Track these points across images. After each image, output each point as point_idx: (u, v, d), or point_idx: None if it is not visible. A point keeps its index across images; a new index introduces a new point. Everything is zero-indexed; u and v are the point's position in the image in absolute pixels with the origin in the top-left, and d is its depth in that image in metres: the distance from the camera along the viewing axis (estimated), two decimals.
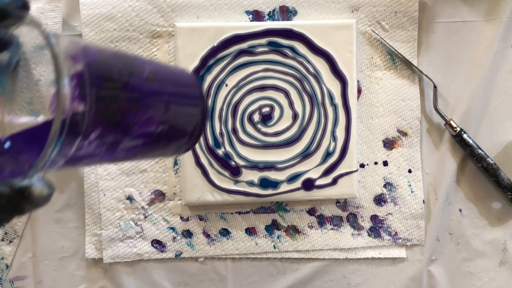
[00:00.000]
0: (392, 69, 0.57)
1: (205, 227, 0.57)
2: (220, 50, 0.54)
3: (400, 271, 0.58)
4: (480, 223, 0.58)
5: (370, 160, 0.57)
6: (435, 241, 0.58)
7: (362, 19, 0.56)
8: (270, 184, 0.55)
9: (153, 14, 0.55)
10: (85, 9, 0.55)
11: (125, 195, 0.57)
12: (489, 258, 0.58)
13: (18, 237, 0.57)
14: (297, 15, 0.56)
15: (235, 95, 0.54)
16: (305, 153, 0.55)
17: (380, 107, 0.57)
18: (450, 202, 0.58)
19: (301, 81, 0.55)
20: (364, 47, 0.57)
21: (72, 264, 0.58)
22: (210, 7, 0.56)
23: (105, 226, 0.57)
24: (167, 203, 0.57)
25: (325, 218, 0.58)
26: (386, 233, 0.58)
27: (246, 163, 0.55)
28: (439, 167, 0.58)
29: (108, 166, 0.56)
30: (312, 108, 0.55)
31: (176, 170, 0.57)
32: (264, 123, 0.55)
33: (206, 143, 0.55)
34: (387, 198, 0.58)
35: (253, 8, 0.56)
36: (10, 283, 0.57)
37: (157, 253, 0.57)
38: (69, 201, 0.57)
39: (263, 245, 0.58)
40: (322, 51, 0.54)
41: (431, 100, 0.57)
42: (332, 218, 0.58)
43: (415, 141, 0.57)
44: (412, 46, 0.57)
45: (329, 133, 0.55)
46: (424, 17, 0.57)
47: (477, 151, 0.56)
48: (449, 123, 0.56)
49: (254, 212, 0.57)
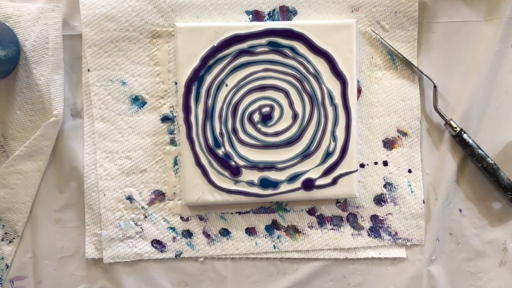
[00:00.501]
0: (392, 69, 0.57)
1: (205, 227, 0.57)
2: (220, 50, 0.54)
3: (400, 271, 0.58)
4: (480, 223, 0.58)
5: (370, 160, 0.57)
6: (435, 241, 0.58)
7: (362, 19, 0.56)
8: (270, 184, 0.55)
9: (153, 14, 0.55)
10: (85, 9, 0.55)
11: (125, 195, 0.57)
12: (489, 258, 0.58)
13: (18, 237, 0.57)
14: (297, 15, 0.56)
15: (235, 95, 0.54)
16: (305, 153, 0.55)
17: (380, 107, 0.57)
18: (450, 202, 0.58)
19: (301, 81, 0.55)
20: (364, 47, 0.57)
21: (72, 264, 0.58)
22: (210, 7, 0.56)
23: (105, 226, 0.57)
24: (167, 203, 0.57)
25: (325, 218, 0.58)
26: (386, 233, 0.58)
27: (246, 163, 0.55)
28: (439, 167, 0.58)
29: (108, 166, 0.56)
30: (312, 108, 0.55)
31: (176, 170, 0.57)
32: (264, 123, 0.55)
33: (206, 143, 0.55)
34: (387, 198, 0.58)
35: (253, 8, 0.56)
36: (10, 283, 0.57)
37: (157, 253, 0.57)
38: (69, 201, 0.57)
39: (263, 245, 0.58)
40: (322, 51, 0.54)
41: (431, 100, 0.57)
42: (332, 218, 0.58)
43: (415, 141, 0.57)
44: (412, 46, 0.57)
45: (329, 133, 0.55)
46: (424, 17, 0.57)
47: (477, 151, 0.56)
48: (449, 123, 0.56)
49: (254, 212, 0.57)
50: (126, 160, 0.57)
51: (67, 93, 0.57)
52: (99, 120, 0.56)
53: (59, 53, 0.54)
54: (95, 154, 0.57)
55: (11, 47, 0.53)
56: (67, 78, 0.57)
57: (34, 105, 0.55)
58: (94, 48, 0.55)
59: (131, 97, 0.56)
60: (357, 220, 0.58)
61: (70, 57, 0.57)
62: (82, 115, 0.57)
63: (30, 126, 0.56)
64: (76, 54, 0.57)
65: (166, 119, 0.57)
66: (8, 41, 0.53)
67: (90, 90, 0.56)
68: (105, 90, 0.56)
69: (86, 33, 0.55)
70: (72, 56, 0.57)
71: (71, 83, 0.57)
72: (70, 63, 0.57)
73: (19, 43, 0.54)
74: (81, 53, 0.56)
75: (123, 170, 0.57)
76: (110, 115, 0.56)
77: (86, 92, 0.57)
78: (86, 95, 0.57)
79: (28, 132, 0.56)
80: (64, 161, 0.57)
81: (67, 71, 0.56)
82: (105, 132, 0.56)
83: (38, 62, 0.54)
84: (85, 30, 0.55)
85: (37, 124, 0.56)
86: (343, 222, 0.58)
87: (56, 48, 0.54)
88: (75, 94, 0.57)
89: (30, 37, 0.54)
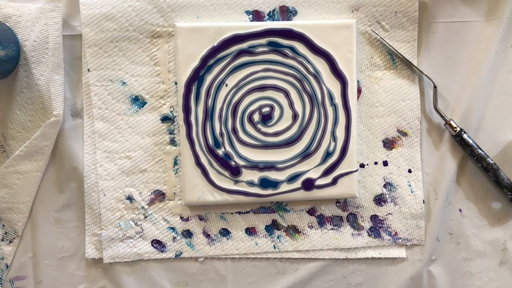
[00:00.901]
0: (392, 69, 0.57)
1: (205, 227, 0.57)
2: (220, 50, 0.54)
3: (400, 271, 0.58)
4: (480, 223, 0.58)
5: (370, 160, 0.57)
6: (435, 241, 0.58)
7: (362, 19, 0.56)
8: (270, 184, 0.55)
9: (153, 14, 0.55)
10: (85, 9, 0.55)
11: (125, 195, 0.57)
12: (489, 258, 0.58)
13: (18, 237, 0.57)
14: (297, 15, 0.56)
15: (235, 95, 0.54)
16: (305, 153, 0.55)
17: (380, 107, 0.57)
18: (450, 202, 0.58)
19: (301, 81, 0.55)
20: (364, 47, 0.57)
21: (72, 264, 0.58)
22: (210, 7, 0.56)
23: (105, 226, 0.57)
24: (167, 203, 0.57)
25: (325, 218, 0.58)
26: (386, 233, 0.58)
27: (246, 163, 0.55)
28: (439, 167, 0.58)
29: (108, 166, 0.56)
30: (312, 108, 0.55)
31: (176, 170, 0.57)
32: (264, 123, 0.55)
33: (206, 143, 0.55)
34: (387, 198, 0.58)
35: (253, 8, 0.56)
36: (10, 283, 0.57)
37: (157, 253, 0.57)
38: (69, 201, 0.57)
39: (263, 245, 0.58)
40: (322, 51, 0.54)
41: (431, 100, 0.57)
42: (332, 218, 0.58)
43: (415, 141, 0.57)
44: (412, 46, 0.57)
45: (329, 133, 0.55)
46: (424, 17, 0.57)
47: (477, 151, 0.56)
48: (449, 123, 0.56)
49: (254, 212, 0.57)
50: (126, 160, 0.57)
51: (67, 93, 0.57)
52: (99, 120, 0.56)
53: (59, 53, 0.54)
54: (95, 154, 0.57)
55: (11, 47, 0.53)
56: (67, 78, 0.57)
57: (34, 105, 0.55)
58: (94, 48, 0.55)
59: (131, 97, 0.56)
60: (357, 220, 0.58)
61: (70, 57, 0.57)
62: (82, 115, 0.57)
63: (30, 126, 0.56)
64: (76, 54, 0.57)
65: (166, 119, 0.57)
66: (8, 41, 0.53)
67: (90, 90, 0.56)
68: (105, 90, 0.56)
69: (86, 33, 0.55)
70: (72, 56, 0.57)
71: (71, 83, 0.57)
72: (70, 63, 0.57)
73: (19, 43, 0.54)
74: (81, 53, 0.56)
75: (123, 170, 0.57)
76: (110, 115, 0.56)
77: (86, 92, 0.57)
78: (86, 95, 0.57)
79: (28, 132, 0.56)
80: (64, 161, 0.57)
81: (67, 71, 0.57)
82: (105, 132, 0.56)
83: (38, 62, 0.54)
84: (85, 30, 0.55)
85: (37, 124, 0.56)
86: (343, 222, 0.58)
87: (56, 48, 0.54)
88: (75, 94, 0.57)
89: (30, 37, 0.54)
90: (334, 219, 0.58)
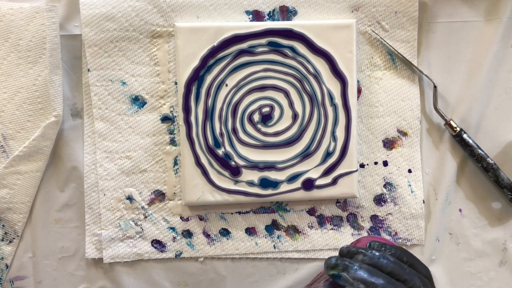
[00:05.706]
0: (392, 69, 0.57)
1: (205, 227, 0.57)
2: (220, 50, 0.54)
3: None
4: (480, 223, 0.58)
5: (370, 160, 0.57)
6: (435, 241, 0.58)
7: (362, 19, 0.56)
8: (270, 184, 0.55)
9: (153, 14, 0.55)
10: (85, 9, 0.55)
11: (125, 195, 0.57)
12: (489, 258, 0.58)
13: (18, 237, 0.57)
14: (297, 15, 0.56)
15: (235, 95, 0.54)
16: (305, 153, 0.55)
17: (380, 107, 0.57)
18: (450, 202, 0.58)
19: (301, 81, 0.55)
20: (364, 47, 0.57)
21: (72, 264, 0.58)
22: (210, 7, 0.56)
23: (105, 226, 0.57)
24: (167, 203, 0.57)
25: (325, 218, 0.58)
26: (386, 233, 0.58)
27: (246, 163, 0.55)
28: (439, 167, 0.58)
29: (108, 166, 0.56)
30: (312, 108, 0.55)
31: (176, 170, 0.57)
32: (264, 123, 0.55)
33: (206, 143, 0.55)
34: (387, 198, 0.58)
35: (253, 8, 0.56)
36: (10, 283, 0.57)
37: (157, 253, 0.57)
38: (69, 201, 0.57)
39: (263, 245, 0.58)
40: (322, 51, 0.54)
41: (431, 100, 0.57)
42: (332, 218, 0.58)
43: (415, 141, 0.57)
44: (412, 46, 0.57)
45: (329, 133, 0.55)
46: (424, 17, 0.57)
47: (477, 151, 0.56)
48: (449, 123, 0.56)
49: (254, 212, 0.57)
50: (126, 160, 0.57)
51: (67, 93, 0.57)
52: (99, 120, 0.56)
53: (57, 54, 0.54)
54: (95, 154, 0.57)
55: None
56: (67, 78, 0.57)
57: (33, 105, 0.55)
58: (94, 48, 0.55)
59: (131, 97, 0.56)
60: (357, 220, 0.58)
61: (70, 57, 0.57)
62: (82, 115, 0.57)
63: (29, 126, 0.56)
64: (76, 54, 0.57)
65: (166, 119, 0.57)
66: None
67: (90, 90, 0.56)
68: (105, 90, 0.56)
69: (86, 33, 0.55)
70: (72, 56, 0.57)
71: (71, 83, 0.57)
72: (70, 63, 0.57)
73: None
74: (81, 53, 0.56)
75: (123, 170, 0.57)
76: (110, 115, 0.56)
77: (86, 92, 0.57)
78: (86, 95, 0.57)
79: (27, 132, 0.56)
80: (64, 161, 0.57)
81: (67, 71, 0.57)
82: (105, 132, 0.56)
83: (35, 62, 0.54)
84: (85, 30, 0.55)
85: (37, 125, 0.56)
86: (343, 222, 0.58)
87: (54, 48, 0.54)
88: (75, 94, 0.57)
89: (24, 36, 0.54)
90: (334, 219, 0.58)
